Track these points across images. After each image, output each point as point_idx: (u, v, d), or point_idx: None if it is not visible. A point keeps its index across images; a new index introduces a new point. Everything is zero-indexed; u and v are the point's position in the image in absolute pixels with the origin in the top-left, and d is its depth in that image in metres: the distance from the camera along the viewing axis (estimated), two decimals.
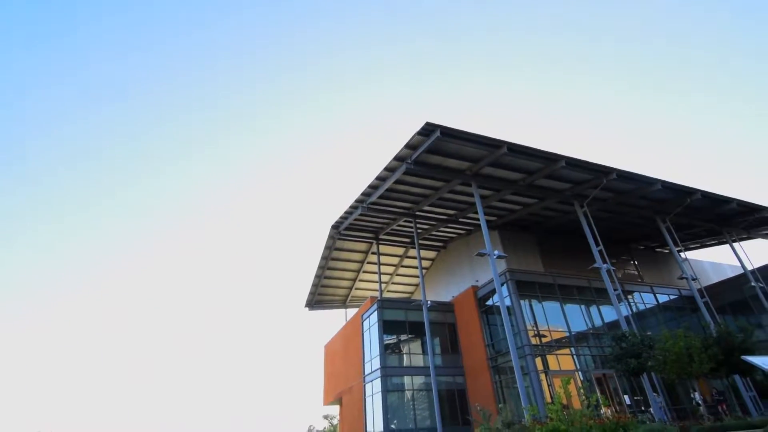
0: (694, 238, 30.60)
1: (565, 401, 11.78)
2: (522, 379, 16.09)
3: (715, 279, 30.89)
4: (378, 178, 21.38)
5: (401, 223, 28.07)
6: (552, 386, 20.04)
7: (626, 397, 21.21)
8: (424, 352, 25.61)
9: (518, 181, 21.57)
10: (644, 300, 27.18)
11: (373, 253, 31.95)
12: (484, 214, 20.62)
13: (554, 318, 23.45)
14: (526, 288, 23.54)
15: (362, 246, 31.94)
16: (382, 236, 30.14)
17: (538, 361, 21.10)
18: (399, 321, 26.84)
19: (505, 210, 25.44)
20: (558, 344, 22.74)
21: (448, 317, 27.90)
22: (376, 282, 32.04)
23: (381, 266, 31.39)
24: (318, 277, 33.83)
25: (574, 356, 22.52)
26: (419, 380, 25.14)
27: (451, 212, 26.40)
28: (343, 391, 31.58)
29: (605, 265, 20.26)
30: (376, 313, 26.30)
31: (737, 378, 20.25)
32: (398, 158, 19.48)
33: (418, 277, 31.47)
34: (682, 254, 26.16)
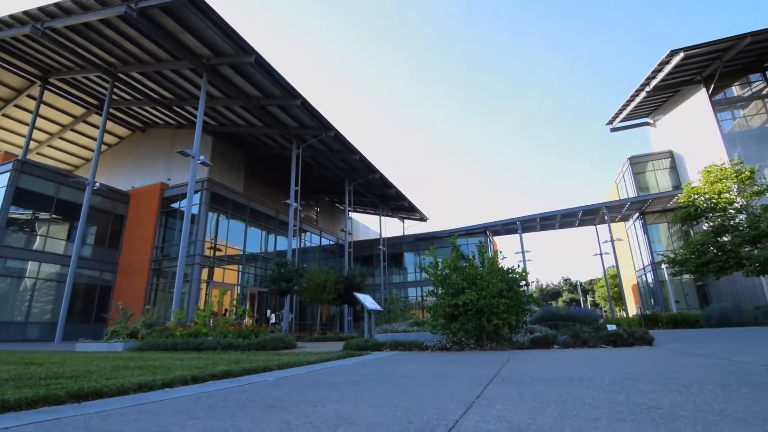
0: (362, 204, 39.07)
1: (216, 309, 12.62)
2: (181, 285, 16.03)
3: (363, 237, 40.84)
4: (77, 2, 15.39)
5: (92, 77, 21.60)
6: (210, 295, 21.04)
7: (269, 312, 25.04)
8: (70, 239, 21.14)
9: (253, 97, 20.80)
10: (312, 240, 32.63)
11: (31, 97, 23.15)
12: (204, 113, 18.77)
13: (235, 236, 24.55)
14: (219, 202, 23.36)
15: (16, 81, 22.57)
16: (54, 80, 22.25)
17: (205, 271, 21.65)
18: (44, 195, 20.90)
19: (228, 120, 24.07)
20: (230, 260, 24.01)
21: (119, 208, 24.07)
22: (23, 136, 23.44)
23: (39, 118, 23.25)
24: None
25: (240, 273, 24.47)
26: (51, 269, 20.66)
27: (167, 95, 22.53)
28: None
29: (295, 204, 22.83)
30: (9, 175, 19.43)
31: (346, 307, 27.93)
32: None
33: (93, 150, 25.27)
34: (350, 213, 33.03)
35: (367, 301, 10.77)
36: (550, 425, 1.75)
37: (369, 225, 45.09)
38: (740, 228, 19.64)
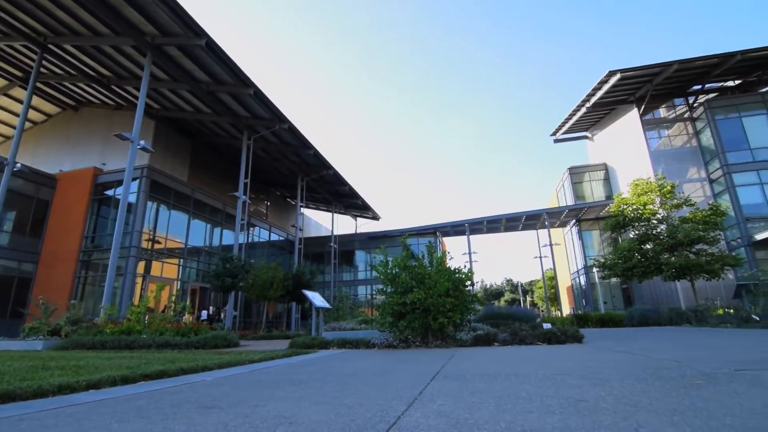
0: (314, 200, 38.47)
1: (153, 305, 11.85)
2: (113, 279, 14.87)
3: (314, 234, 40.24)
4: None
5: (17, 45, 19.50)
6: (146, 290, 19.74)
7: (211, 308, 23.94)
8: None
9: (202, 82, 19.77)
10: (261, 235, 31.64)
11: None
12: (146, 95, 17.56)
13: (177, 228, 23.18)
14: (160, 191, 21.96)
15: None
16: None
17: (142, 264, 20.29)
18: None
19: (173, 104, 22.70)
20: (169, 253, 22.66)
21: (43, 192, 21.89)
22: None
23: None
24: None
25: (181, 267, 23.18)
26: None
27: (105, 72, 20.81)
28: None
29: (243, 197, 22.02)
30: None
31: (293, 304, 27.38)
32: None
33: (15, 127, 22.76)
34: (302, 209, 32.44)
35: (316, 298, 10.64)
36: (486, 419, 1.83)
37: (321, 221, 44.50)
38: (661, 237, 21.69)
